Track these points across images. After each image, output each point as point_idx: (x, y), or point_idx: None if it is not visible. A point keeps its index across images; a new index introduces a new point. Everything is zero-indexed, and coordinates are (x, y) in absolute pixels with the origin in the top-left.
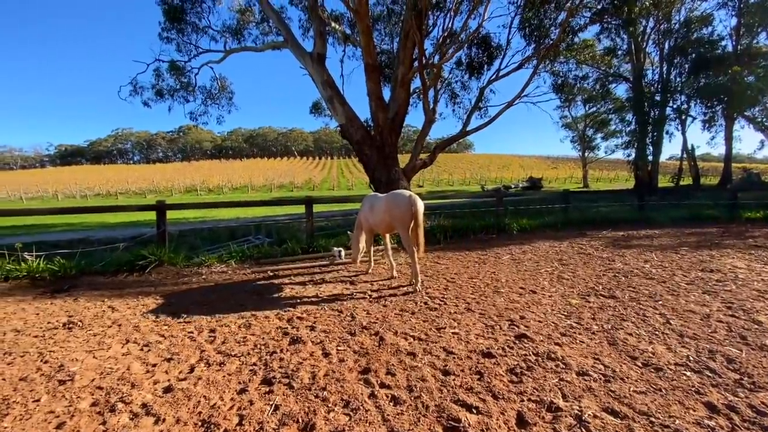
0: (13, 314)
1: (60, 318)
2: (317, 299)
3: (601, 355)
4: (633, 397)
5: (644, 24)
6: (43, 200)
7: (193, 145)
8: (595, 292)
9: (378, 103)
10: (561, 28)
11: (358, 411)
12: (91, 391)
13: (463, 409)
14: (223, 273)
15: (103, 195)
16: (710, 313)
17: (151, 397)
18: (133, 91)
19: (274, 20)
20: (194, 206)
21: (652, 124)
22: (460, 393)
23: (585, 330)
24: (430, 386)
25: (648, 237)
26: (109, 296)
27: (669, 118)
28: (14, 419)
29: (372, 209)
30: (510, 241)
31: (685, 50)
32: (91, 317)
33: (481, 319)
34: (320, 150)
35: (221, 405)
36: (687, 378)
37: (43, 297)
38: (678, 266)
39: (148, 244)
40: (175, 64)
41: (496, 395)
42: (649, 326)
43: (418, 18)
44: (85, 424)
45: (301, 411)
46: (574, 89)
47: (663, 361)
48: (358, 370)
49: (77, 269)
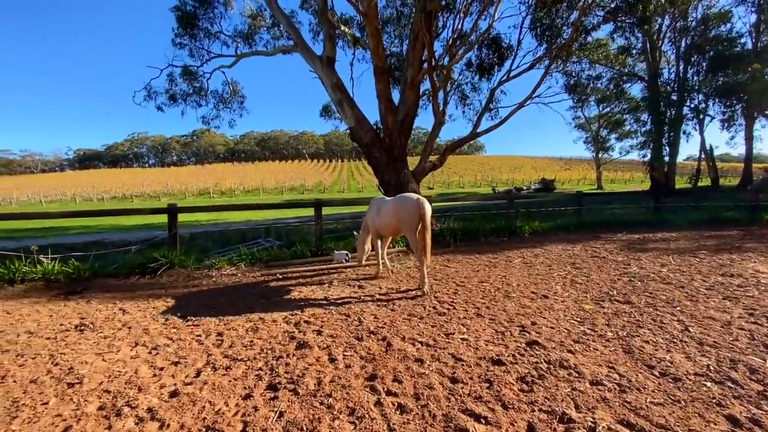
0: (28, 316)
1: (72, 320)
2: (325, 303)
3: (616, 363)
4: (650, 408)
5: (660, 22)
6: (61, 203)
7: (206, 149)
8: (609, 297)
9: (387, 106)
10: (573, 28)
11: (364, 419)
12: (98, 395)
13: (471, 419)
14: (232, 275)
15: (119, 198)
16: (731, 320)
17: (157, 402)
18: (148, 96)
19: (285, 24)
20: (205, 209)
21: (668, 124)
22: (468, 402)
23: (599, 337)
24: (437, 394)
25: (665, 240)
26: (121, 298)
27: (686, 117)
28: (22, 422)
29: (379, 212)
30: (521, 244)
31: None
32: (102, 319)
33: (491, 324)
34: (331, 153)
35: (226, 411)
36: (707, 389)
37: (57, 299)
38: (697, 270)
39: (160, 247)
40: (187, 69)
41: (506, 405)
42: (667, 333)
43: (427, 20)
44: (91, 428)
45: (305, 418)
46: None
47: (682, 371)
48: (365, 377)
49: (91, 271)
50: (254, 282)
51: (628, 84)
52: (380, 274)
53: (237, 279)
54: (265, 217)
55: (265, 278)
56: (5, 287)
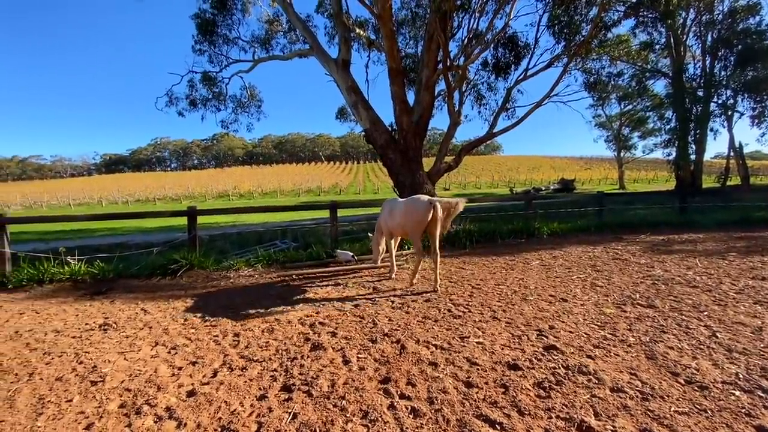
0: (55, 315)
1: (97, 320)
2: (340, 304)
3: (638, 369)
4: (674, 417)
5: (684, 16)
6: (89, 206)
7: (225, 152)
8: (631, 301)
9: (402, 107)
10: (593, 24)
11: (377, 423)
12: (119, 393)
13: (486, 425)
14: (250, 277)
15: (143, 201)
16: (762, 326)
17: (175, 401)
18: (169, 102)
19: (300, 29)
20: (223, 211)
21: (694, 121)
22: (483, 407)
23: (620, 342)
24: (451, 399)
25: (691, 241)
26: (143, 299)
27: (713, 114)
28: (47, 419)
29: (391, 213)
30: (540, 245)
31: (730, 42)
32: (124, 319)
33: (508, 328)
34: (347, 154)
35: (241, 411)
36: (736, 398)
37: (83, 299)
38: (725, 273)
39: (181, 249)
40: (207, 74)
41: (522, 411)
42: (693, 339)
43: (442, 20)
44: (112, 425)
45: (318, 420)
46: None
47: (708, 379)
48: (378, 380)
49: (115, 272)
50: (271, 283)
51: (651, 80)
52: (393, 275)
53: (254, 280)
54: (281, 219)
55: (281, 279)
56: (35, 287)
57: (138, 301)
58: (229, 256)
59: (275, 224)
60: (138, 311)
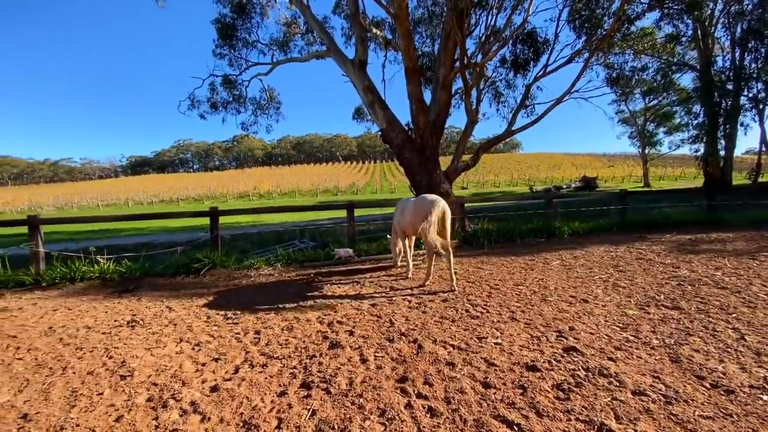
0: (86, 312)
1: (125, 316)
2: (357, 303)
3: (661, 372)
4: (698, 422)
5: (711, 7)
6: (116, 206)
7: (246, 153)
8: (655, 303)
9: (418, 106)
10: (615, 18)
11: (394, 421)
12: (147, 387)
13: (503, 426)
14: (270, 276)
15: (167, 201)
16: None
17: (199, 396)
18: (191, 105)
19: (317, 30)
20: (243, 212)
21: (723, 116)
22: (500, 408)
23: (643, 344)
24: (469, 399)
25: (720, 241)
26: (168, 297)
27: (743, 108)
28: (80, 410)
29: (403, 213)
30: (560, 245)
31: (760, 33)
32: (151, 316)
33: (527, 329)
34: (364, 154)
35: (262, 407)
36: (764, 403)
37: (112, 296)
38: (756, 274)
39: (203, 248)
40: (227, 78)
41: (540, 412)
42: (720, 342)
43: (459, 18)
44: (140, 418)
45: (337, 417)
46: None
47: (735, 383)
48: (396, 378)
49: (141, 271)
50: (290, 282)
51: (678, 74)
52: (410, 274)
53: (274, 279)
54: (300, 219)
55: (300, 278)
56: (67, 285)
57: (163, 298)
58: (250, 256)
59: (294, 224)
60: (163, 308)
